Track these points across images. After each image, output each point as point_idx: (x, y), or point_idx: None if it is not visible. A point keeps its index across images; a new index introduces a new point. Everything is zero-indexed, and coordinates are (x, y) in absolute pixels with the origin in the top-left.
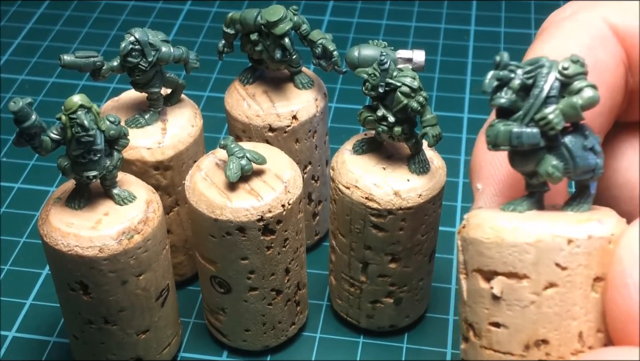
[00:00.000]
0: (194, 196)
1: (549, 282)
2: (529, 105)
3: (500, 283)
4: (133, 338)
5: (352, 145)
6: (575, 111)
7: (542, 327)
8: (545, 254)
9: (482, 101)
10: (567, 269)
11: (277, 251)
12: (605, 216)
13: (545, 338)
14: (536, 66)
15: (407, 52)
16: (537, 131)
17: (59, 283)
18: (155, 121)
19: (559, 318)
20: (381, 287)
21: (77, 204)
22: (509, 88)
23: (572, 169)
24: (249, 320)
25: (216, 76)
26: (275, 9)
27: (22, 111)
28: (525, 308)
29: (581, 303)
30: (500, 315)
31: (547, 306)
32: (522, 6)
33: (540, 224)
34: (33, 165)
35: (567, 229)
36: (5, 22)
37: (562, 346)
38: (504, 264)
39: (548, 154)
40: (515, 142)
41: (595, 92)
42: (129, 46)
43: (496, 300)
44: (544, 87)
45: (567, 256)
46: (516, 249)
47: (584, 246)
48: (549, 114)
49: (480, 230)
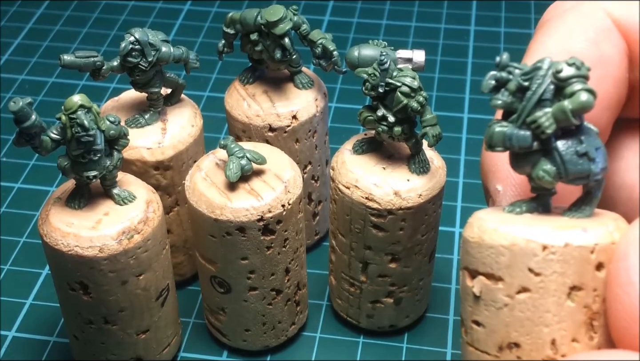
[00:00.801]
0: (194, 196)
1: (522, 286)
2: (522, 107)
3: (479, 283)
4: (133, 338)
5: (352, 145)
6: (565, 116)
7: (514, 330)
8: (519, 258)
9: (482, 101)
10: (540, 275)
11: (277, 251)
12: (597, 225)
13: (517, 342)
14: (534, 67)
15: (407, 52)
16: (528, 134)
17: (59, 283)
18: (155, 121)
19: (531, 323)
20: (381, 287)
21: (77, 204)
22: (506, 89)
23: (563, 174)
24: (249, 319)
25: (216, 76)
26: (275, 9)
27: (22, 111)
28: (499, 309)
29: (554, 310)
30: (479, 314)
31: (519, 310)
32: (522, 6)
33: (517, 228)
34: (33, 165)
35: (544, 235)
36: (5, 22)
37: (533, 352)
38: (483, 264)
39: (543, 158)
40: (507, 144)
41: (589, 96)
42: (129, 46)
43: (477, 299)
44: (537, 90)
45: (540, 262)
46: (493, 250)
47: (559, 254)
48: (540, 118)
49: (469, 229)
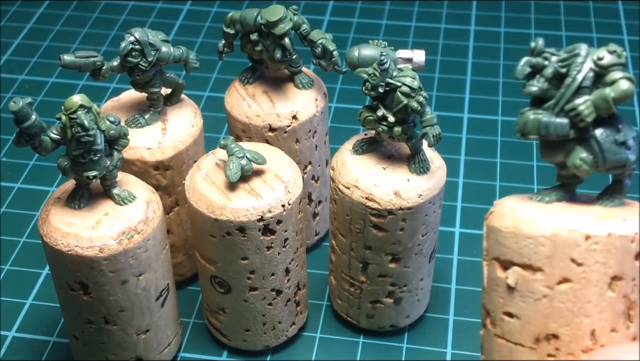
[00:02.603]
0: (194, 196)
1: (563, 277)
2: (560, 94)
3: (515, 274)
4: (133, 338)
5: (352, 145)
6: (607, 104)
7: (553, 322)
8: (560, 249)
9: (482, 101)
10: (583, 265)
11: (277, 251)
12: (633, 214)
13: (556, 333)
14: (572, 54)
15: (407, 52)
16: (566, 121)
17: (59, 283)
18: (155, 121)
19: (571, 314)
20: (381, 287)
21: (77, 204)
22: (541, 76)
23: (601, 163)
24: (249, 319)
25: (216, 76)
26: (275, 9)
27: (22, 111)
28: (537, 301)
29: (595, 300)
30: (513, 306)
31: (559, 301)
32: (522, 6)
33: (558, 218)
34: (33, 165)
35: (586, 225)
36: (5, 22)
37: (572, 343)
38: (520, 255)
39: (578, 146)
40: (543, 132)
41: (630, 85)
42: (129, 46)
43: (511, 290)
44: (576, 76)
45: (583, 252)
46: (532, 241)
47: (602, 243)
48: (580, 105)
49: (501, 219)
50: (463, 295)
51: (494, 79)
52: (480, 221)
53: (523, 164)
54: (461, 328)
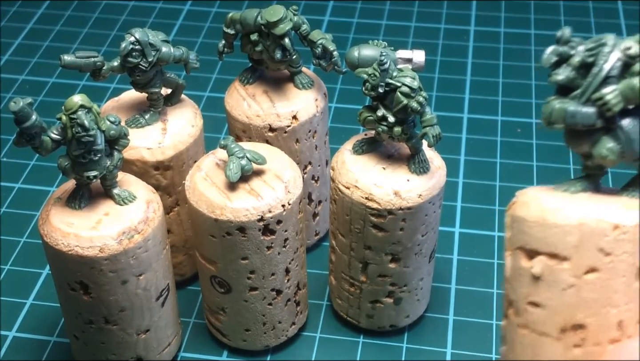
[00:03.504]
0: (194, 196)
1: (590, 267)
2: (587, 84)
3: (541, 263)
4: (133, 338)
5: (352, 145)
6: (635, 93)
7: (579, 312)
8: (588, 238)
9: (482, 101)
10: (611, 255)
11: (277, 251)
12: None
13: (583, 323)
14: (599, 43)
15: (407, 52)
16: (593, 111)
17: (59, 283)
18: (156, 121)
19: (598, 304)
20: (381, 287)
21: (78, 204)
22: (568, 65)
23: (627, 154)
24: (249, 319)
25: (216, 76)
26: (275, 9)
27: (22, 111)
28: (564, 290)
29: (623, 291)
30: (538, 295)
31: (586, 290)
32: (522, 6)
33: (586, 207)
34: (33, 165)
35: (615, 215)
36: (6, 22)
37: (599, 333)
38: (546, 244)
39: (605, 136)
40: (569, 121)
41: None
42: (129, 46)
43: (536, 280)
44: (604, 66)
45: (611, 242)
46: (558, 230)
47: (631, 233)
48: (607, 95)
49: (526, 208)
50: (463, 295)
51: (493, 79)
52: (480, 221)
53: (523, 164)
54: (461, 328)
